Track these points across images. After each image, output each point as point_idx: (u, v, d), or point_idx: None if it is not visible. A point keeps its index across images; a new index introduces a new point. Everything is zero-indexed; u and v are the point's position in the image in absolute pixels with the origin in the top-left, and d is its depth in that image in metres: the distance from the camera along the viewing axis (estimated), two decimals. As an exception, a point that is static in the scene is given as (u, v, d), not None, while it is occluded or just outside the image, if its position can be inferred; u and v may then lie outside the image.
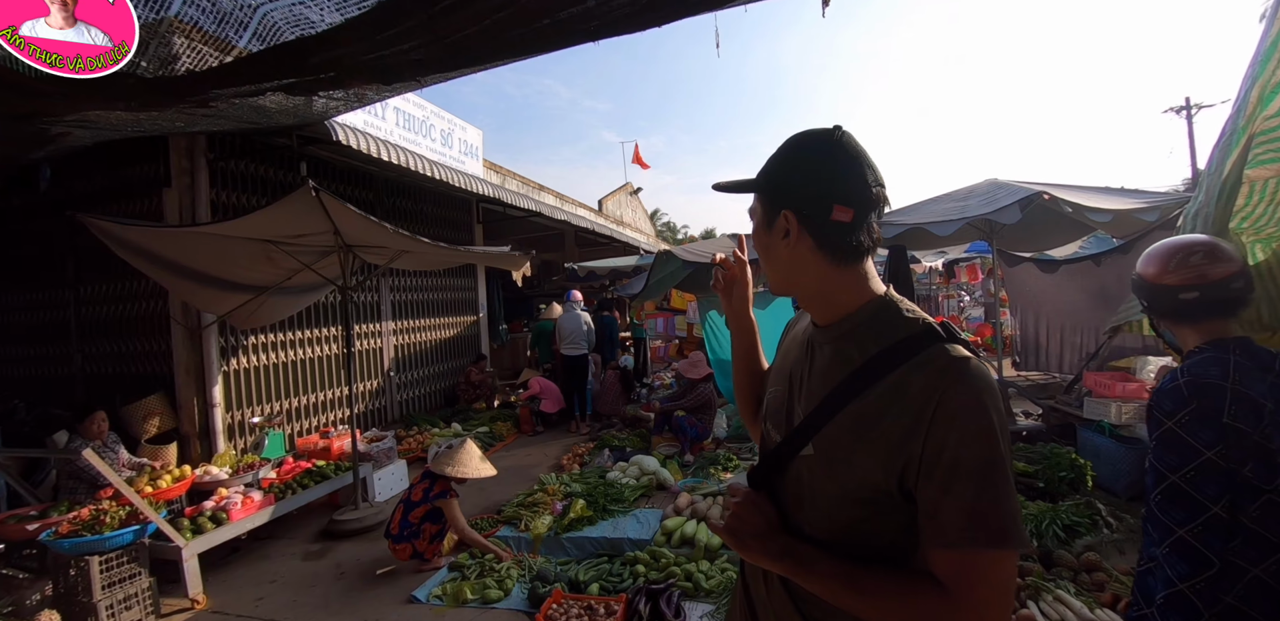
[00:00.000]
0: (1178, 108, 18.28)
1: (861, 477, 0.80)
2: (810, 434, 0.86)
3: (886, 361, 0.82)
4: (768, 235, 0.92)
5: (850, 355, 0.87)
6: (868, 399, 0.81)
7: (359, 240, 4.43)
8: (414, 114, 6.66)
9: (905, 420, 0.76)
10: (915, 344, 0.82)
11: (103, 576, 3.03)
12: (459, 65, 3.26)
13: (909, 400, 0.77)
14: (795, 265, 0.91)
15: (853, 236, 0.86)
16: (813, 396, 0.89)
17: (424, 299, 7.88)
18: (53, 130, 3.73)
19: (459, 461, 3.77)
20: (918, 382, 0.77)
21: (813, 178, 0.87)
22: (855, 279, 0.90)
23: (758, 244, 0.96)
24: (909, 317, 0.87)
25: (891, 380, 0.80)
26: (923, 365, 0.79)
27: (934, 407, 0.75)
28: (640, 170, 18.26)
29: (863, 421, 0.80)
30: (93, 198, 5.09)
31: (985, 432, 0.73)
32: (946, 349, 0.80)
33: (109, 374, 5.20)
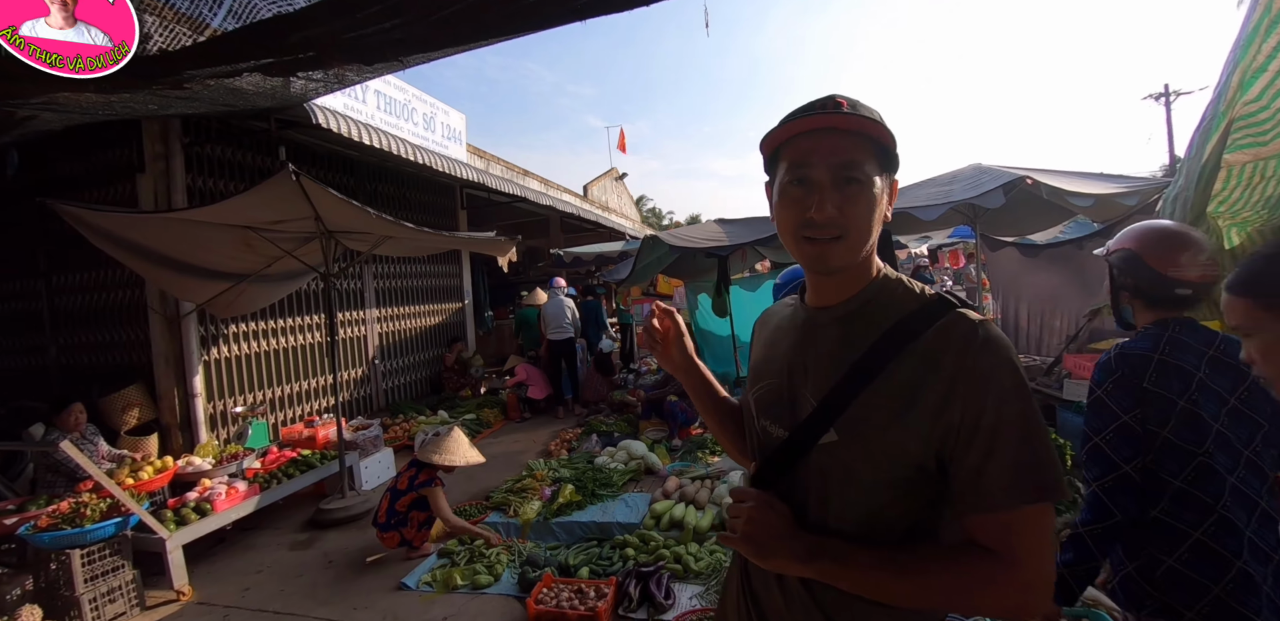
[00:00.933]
0: (1156, 94, 18.50)
1: (898, 454, 0.77)
2: (832, 417, 0.81)
3: (908, 331, 0.79)
4: (882, 202, 0.85)
5: (864, 331, 0.84)
6: (895, 371, 0.78)
7: (341, 226, 4.36)
8: (395, 97, 6.53)
9: (940, 387, 0.75)
10: (934, 311, 0.80)
11: (85, 569, 3.00)
12: (442, 45, 3.19)
13: (940, 366, 0.75)
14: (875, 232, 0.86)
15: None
16: (824, 379, 0.84)
17: (408, 285, 7.80)
18: (19, 113, 3.59)
19: (446, 449, 3.76)
20: (946, 347, 0.76)
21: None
22: (871, 254, 0.88)
23: (873, 212, 0.84)
24: (916, 290, 0.86)
25: (917, 349, 0.78)
26: (947, 330, 0.78)
27: (968, 371, 0.74)
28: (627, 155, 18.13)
29: (895, 394, 0.77)
30: (64, 183, 4.94)
31: (1019, 388, 0.73)
32: (964, 314, 0.79)
33: (85, 364, 5.09)
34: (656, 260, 6.92)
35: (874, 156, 0.82)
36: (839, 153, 0.80)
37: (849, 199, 0.80)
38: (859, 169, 0.81)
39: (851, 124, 0.80)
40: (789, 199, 0.84)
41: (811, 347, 0.89)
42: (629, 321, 10.23)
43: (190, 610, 3.24)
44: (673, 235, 6.39)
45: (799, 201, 0.82)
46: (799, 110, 0.85)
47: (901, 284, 0.88)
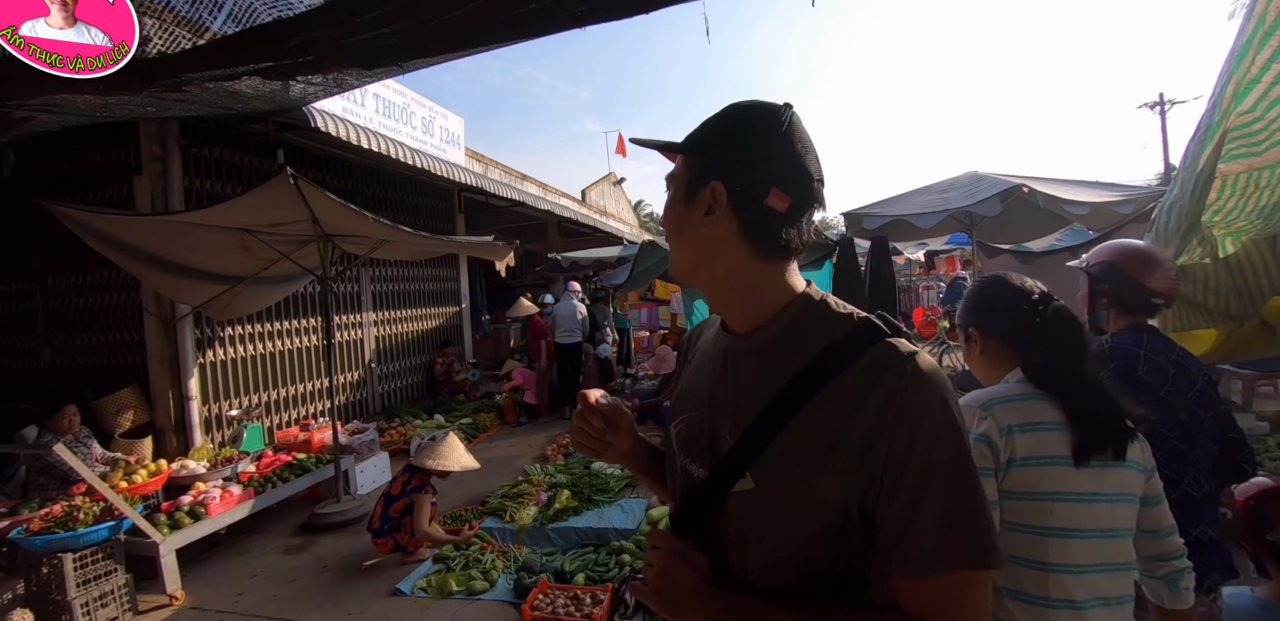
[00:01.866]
0: (1152, 103, 18.63)
1: (819, 503, 0.68)
2: (746, 462, 0.72)
3: (831, 363, 0.70)
4: (686, 208, 0.78)
5: (783, 361, 0.74)
6: (816, 408, 0.69)
7: (338, 229, 4.35)
8: (394, 101, 6.53)
9: (864, 427, 0.66)
10: (858, 341, 0.71)
11: (77, 573, 2.97)
12: (442, 50, 3.19)
13: (866, 404, 0.67)
14: (710, 248, 0.77)
15: (784, 230, 0.74)
16: (742, 417, 0.75)
17: (406, 289, 7.78)
18: (16, 114, 3.58)
19: (440, 454, 3.75)
20: (872, 383, 0.68)
21: (754, 152, 0.74)
22: (779, 275, 0.78)
23: (670, 219, 0.81)
24: (843, 313, 0.77)
25: (841, 383, 0.69)
26: (874, 364, 0.69)
27: (895, 409, 0.65)
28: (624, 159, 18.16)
29: (814, 435, 0.68)
30: (60, 184, 4.92)
31: (951, 431, 0.65)
32: (893, 344, 0.71)
33: (79, 367, 5.06)
34: (654, 265, 6.92)
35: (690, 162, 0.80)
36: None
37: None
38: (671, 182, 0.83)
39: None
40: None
41: (732, 380, 0.80)
42: (626, 326, 10.23)
43: (183, 615, 3.22)
44: (670, 240, 6.39)
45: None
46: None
47: (827, 306, 0.78)
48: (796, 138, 0.75)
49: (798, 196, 0.74)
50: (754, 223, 0.74)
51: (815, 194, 0.76)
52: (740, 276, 0.77)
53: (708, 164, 0.77)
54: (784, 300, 0.78)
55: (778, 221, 0.74)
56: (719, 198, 0.74)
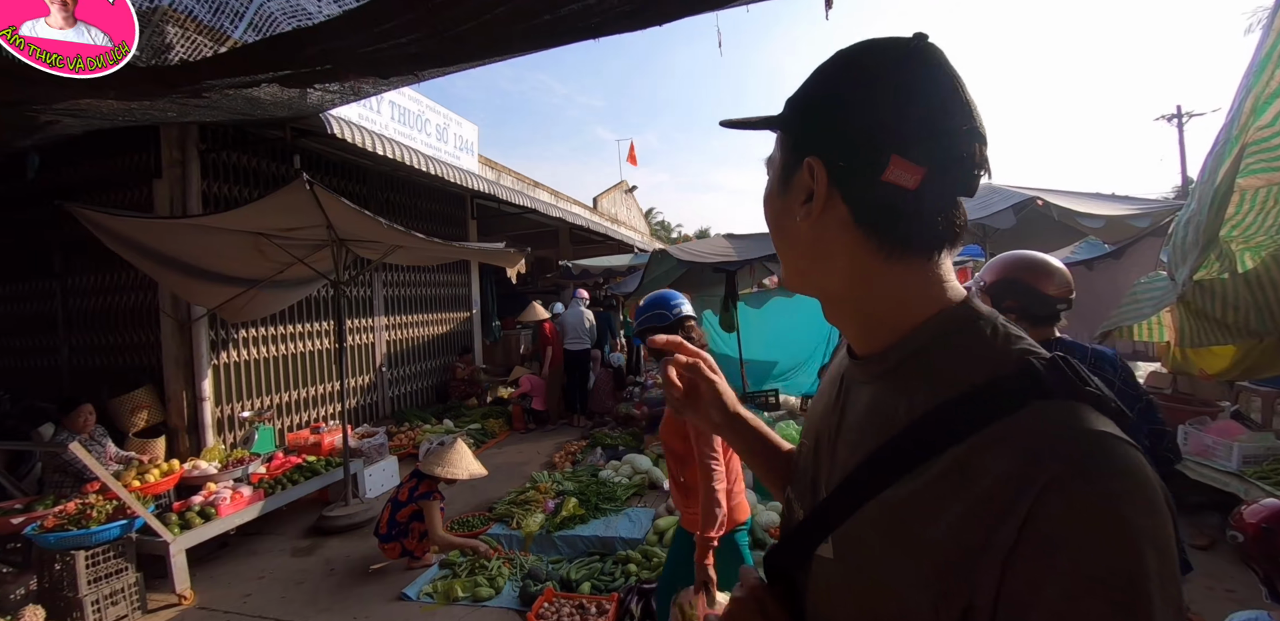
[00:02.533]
0: (1169, 116, 18.47)
1: (896, 609, 0.50)
2: (828, 526, 0.57)
3: (945, 425, 0.50)
4: (782, 199, 0.61)
5: (893, 407, 0.55)
6: (914, 486, 0.50)
7: (352, 234, 4.40)
8: (409, 108, 6.61)
9: (972, 536, 0.45)
10: (999, 397, 0.49)
11: (88, 571, 3.00)
12: (457, 60, 3.23)
13: (977, 499, 0.45)
14: (817, 249, 0.59)
15: (916, 212, 0.54)
16: (838, 466, 0.59)
17: (417, 294, 7.84)
18: (42, 117, 3.67)
19: (449, 461, 3.76)
20: (993, 470, 0.45)
21: (863, 109, 0.54)
22: (914, 281, 0.57)
23: (767, 215, 0.65)
24: (997, 347, 0.53)
25: (951, 459, 0.48)
26: (1004, 439, 0.46)
27: (1020, 521, 0.43)
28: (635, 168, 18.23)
29: (901, 522, 0.50)
30: (82, 187, 5.02)
31: (1116, 585, 0.40)
32: (1054, 410, 0.47)
33: (96, 366, 5.14)
34: (664, 274, 6.93)
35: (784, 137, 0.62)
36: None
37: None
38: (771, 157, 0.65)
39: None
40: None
41: (840, 412, 0.64)
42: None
43: (191, 614, 3.24)
44: (681, 249, 6.42)
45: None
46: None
47: (978, 333, 0.54)
48: (930, 80, 0.54)
49: (937, 161, 0.53)
50: (870, 207, 0.55)
51: (969, 157, 0.54)
52: (857, 283, 0.58)
53: (801, 136, 0.59)
54: (917, 317, 0.57)
55: (905, 202, 0.53)
56: (818, 179, 0.56)
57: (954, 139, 0.53)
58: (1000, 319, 0.56)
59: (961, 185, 0.54)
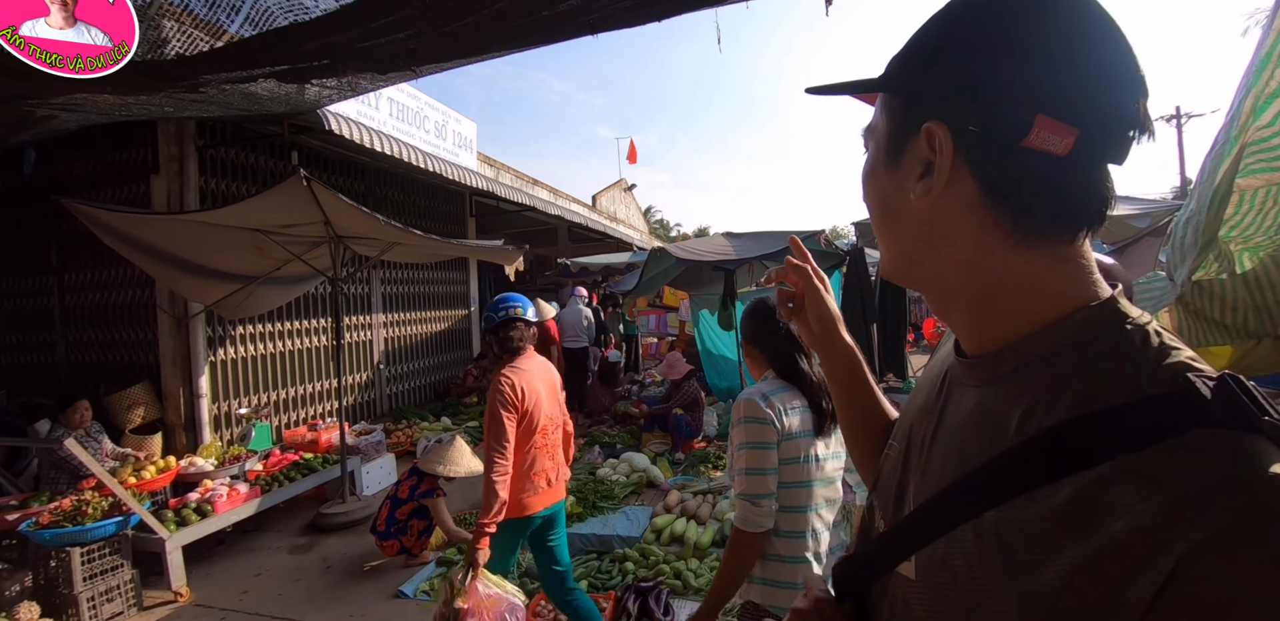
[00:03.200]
0: (1168, 116, 18.47)
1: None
2: (916, 541, 0.50)
3: (1071, 447, 0.41)
4: (892, 173, 0.51)
5: (1005, 417, 0.46)
6: (1023, 514, 0.42)
7: (350, 231, 4.39)
8: (408, 104, 6.59)
9: (1090, 583, 0.37)
10: (1145, 419, 0.39)
11: (84, 568, 3.00)
12: (455, 56, 3.22)
13: (1106, 544, 0.37)
14: (935, 233, 0.50)
15: (1066, 184, 0.45)
16: (930, 476, 0.52)
17: (415, 292, 7.83)
18: (38, 113, 3.65)
19: (450, 460, 3.75)
20: (1129, 512, 0.36)
21: (1003, 60, 0.44)
22: (1052, 271, 0.47)
23: (870, 192, 0.55)
24: (1149, 359, 0.43)
25: (1073, 489, 0.40)
26: (1149, 475, 0.37)
27: (1161, 580, 0.34)
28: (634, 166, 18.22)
29: (1001, 555, 0.42)
30: (78, 183, 5.00)
31: None
32: (1221, 444, 0.37)
33: (93, 362, 5.13)
34: (663, 272, 6.92)
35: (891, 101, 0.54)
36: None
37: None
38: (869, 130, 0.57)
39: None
40: None
41: (938, 415, 0.56)
42: (635, 332, 10.24)
43: (187, 611, 3.23)
44: (680, 247, 6.41)
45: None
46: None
47: (1126, 339, 0.44)
48: (1086, 26, 0.44)
49: (1092, 122, 0.43)
50: (1005, 181, 0.46)
51: (1130, 115, 0.44)
52: (981, 273, 0.49)
53: (919, 96, 0.49)
54: (1048, 315, 0.47)
55: (1054, 173, 0.44)
56: (941, 147, 0.46)
57: (1113, 92, 0.44)
58: (1155, 325, 0.45)
59: (1117, 150, 0.45)
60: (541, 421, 2.44)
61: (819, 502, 1.59)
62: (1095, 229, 0.47)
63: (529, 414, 2.38)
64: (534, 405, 2.40)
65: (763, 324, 1.69)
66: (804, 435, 1.57)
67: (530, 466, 2.40)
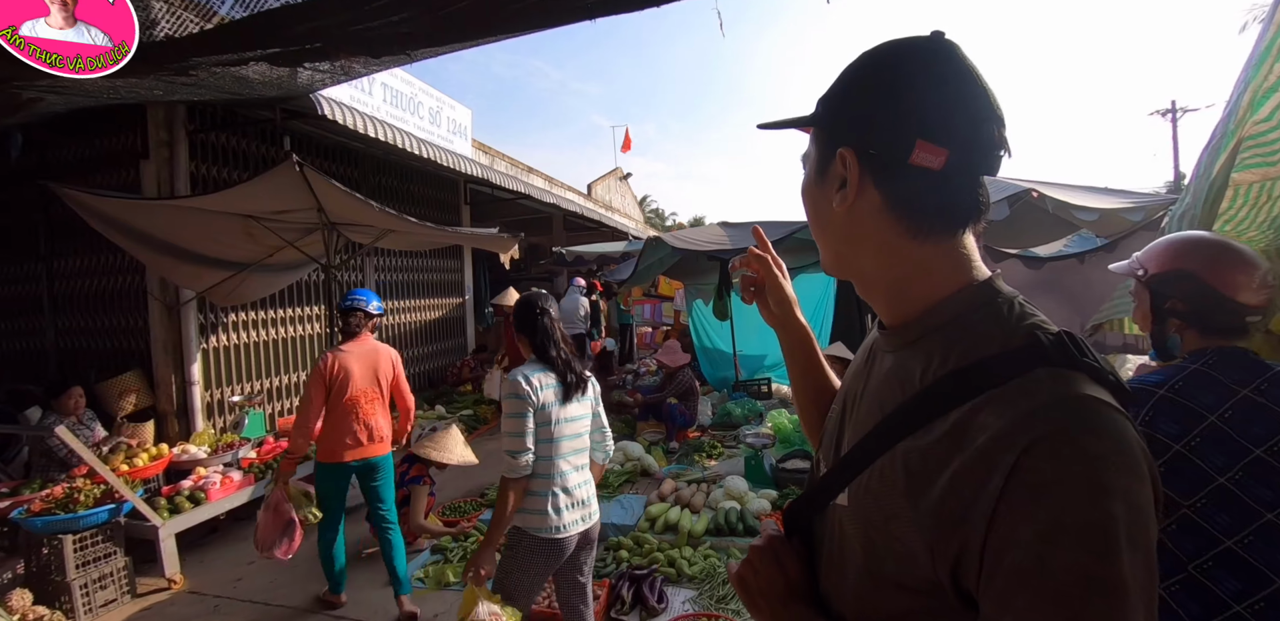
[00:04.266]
0: (1163, 111, 18.48)
1: (900, 554, 0.55)
2: (848, 475, 0.62)
3: (957, 388, 0.55)
4: (819, 188, 0.66)
5: (912, 371, 0.61)
6: (921, 442, 0.55)
7: (343, 218, 4.35)
8: (402, 90, 6.51)
9: (965, 484, 0.50)
10: (1005, 364, 0.54)
11: (76, 555, 3.00)
12: (450, 40, 3.18)
13: (973, 453, 0.50)
14: (854, 235, 0.64)
15: (943, 192, 0.59)
16: (861, 423, 0.65)
17: (409, 280, 7.78)
18: (24, 95, 3.58)
19: (443, 446, 3.76)
20: (990, 427, 0.50)
21: (889, 100, 0.59)
22: (941, 259, 0.62)
23: (807, 203, 0.69)
24: (1011, 323, 0.58)
25: (955, 418, 0.53)
26: (1004, 400, 0.51)
27: (1007, 472, 0.47)
28: (631, 155, 18.12)
29: (910, 474, 0.55)
30: (67, 167, 4.92)
31: (1089, 531, 0.45)
32: (1051, 376, 0.52)
33: (84, 349, 5.08)
34: (659, 261, 6.91)
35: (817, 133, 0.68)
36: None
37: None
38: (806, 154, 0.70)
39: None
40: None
41: (866, 377, 0.70)
42: (629, 321, 10.23)
43: (181, 599, 3.24)
44: (676, 237, 6.39)
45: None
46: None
47: (994, 310, 0.59)
48: (949, 73, 0.59)
49: (959, 144, 0.57)
50: (900, 191, 0.60)
51: (988, 138, 0.58)
52: (889, 263, 0.63)
53: (833, 129, 0.65)
54: (941, 293, 0.61)
55: (933, 183, 0.59)
56: (850, 167, 0.61)
57: (973, 121, 0.58)
58: (1019, 298, 0.61)
59: (984, 164, 0.59)
60: (352, 392, 3.08)
61: (565, 452, 2.11)
62: (974, 224, 0.62)
63: (338, 385, 3.05)
64: (344, 379, 3.07)
65: (526, 318, 2.17)
66: (555, 404, 2.07)
67: (339, 424, 3.06)
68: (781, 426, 5.33)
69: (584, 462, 2.21)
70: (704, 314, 7.06)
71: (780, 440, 5.09)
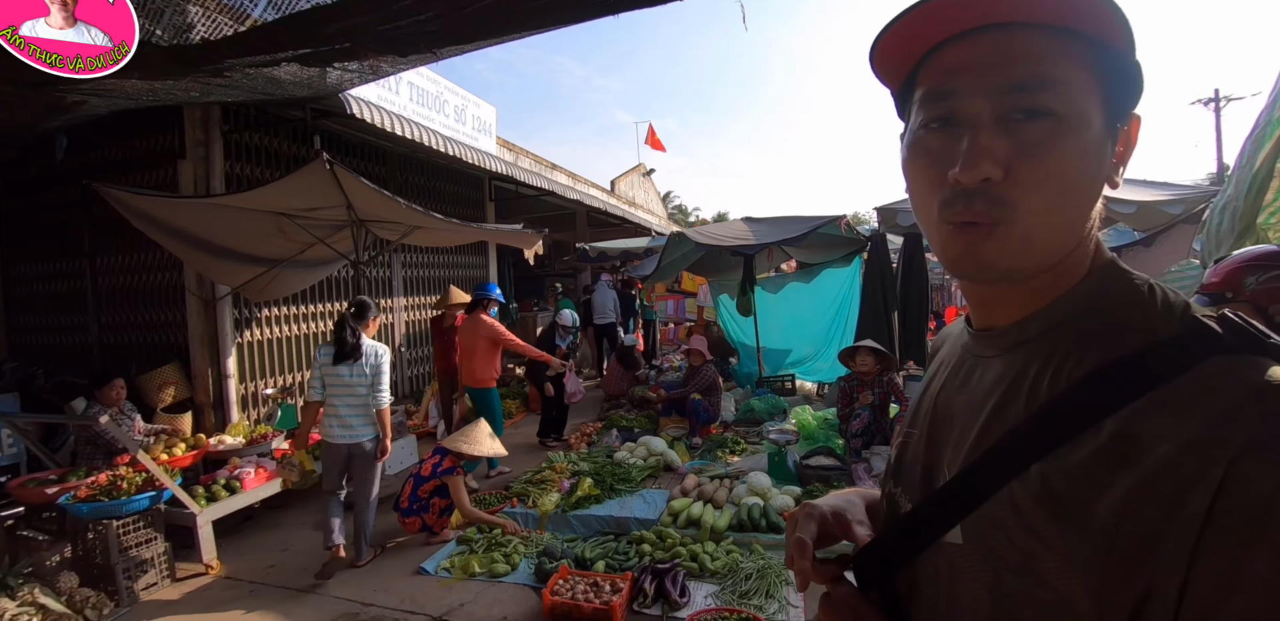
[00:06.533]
0: (1206, 100, 17.79)
1: (1046, 603, 0.43)
2: (962, 509, 0.49)
3: (1104, 390, 0.44)
4: (1081, 129, 0.47)
5: (1036, 377, 0.49)
6: (1064, 461, 0.44)
7: (372, 215, 4.42)
8: (428, 89, 6.59)
9: (1145, 508, 0.39)
10: (1168, 356, 0.43)
11: (120, 540, 3.11)
12: (475, 38, 3.20)
13: (1153, 469, 0.39)
14: (1091, 202, 0.50)
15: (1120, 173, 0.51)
16: (967, 445, 0.52)
17: (435, 275, 7.89)
18: (68, 98, 3.71)
19: (473, 439, 3.82)
20: (1170, 435, 0.40)
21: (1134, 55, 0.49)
22: (1091, 232, 0.52)
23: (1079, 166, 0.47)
24: (1157, 309, 0.47)
25: (1113, 427, 0.42)
26: (1182, 400, 0.41)
27: (1213, 491, 0.37)
28: (653, 151, 18.03)
29: (1057, 500, 0.43)
30: (108, 167, 5.10)
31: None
32: (1240, 365, 0.41)
33: (125, 343, 5.27)
34: (682, 257, 6.90)
35: (1085, 67, 0.47)
36: (1007, 62, 0.46)
37: (1028, 146, 0.46)
38: (1050, 90, 0.46)
39: (1030, 6, 0.46)
40: (922, 154, 0.51)
41: (964, 391, 0.57)
42: (652, 318, 10.24)
43: (218, 583, 3.35)
44: (699, 232, 6.37)
45: (938, 157, 0.49)
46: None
47: (1130, 292, 0.49)
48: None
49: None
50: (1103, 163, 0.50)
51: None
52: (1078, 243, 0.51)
53: (1114, 77, 0.48)
54: (1074, 277, 0.51)
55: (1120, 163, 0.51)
56: (1133, 137, 0.51)
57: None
58: (1155, 280, 0.50)
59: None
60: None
61: (339, 409, 3.45)
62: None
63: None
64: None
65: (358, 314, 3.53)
66: (324, 364, 3.46)
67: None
68: (805, 423, 5.28)
69: (356, 414, 3.49)
70: (729, 307, 7.02)
71: (804, 436, 5.05)
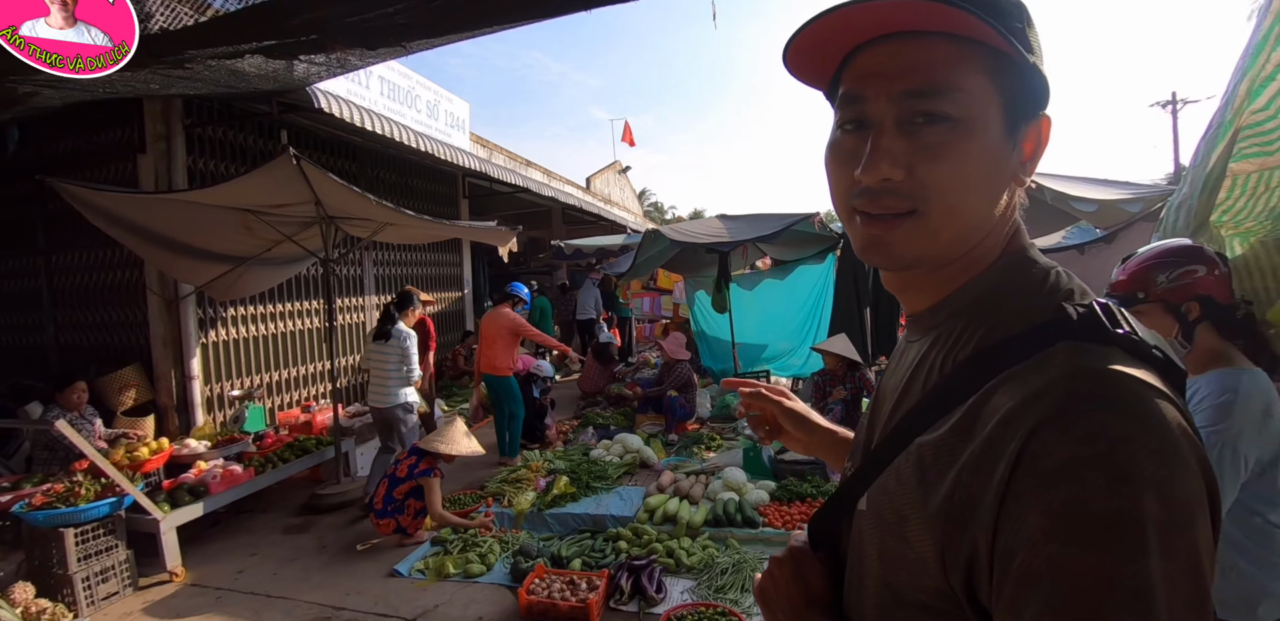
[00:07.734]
0: (1164, 102, 18.43)
1: (912, 561, 0.48)
2: (869, 478, 0.55)
3: (974, 372, 0.49)
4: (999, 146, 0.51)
5: (935, 358, 0.55)
6: (936, 434, 0.49)
7: (341, 211, 4.34)
8: (399, 83, 6.48)
9: (972, 475, 0.43)
10: (1027, 341, 0.48)
11: (78, 548, 3.01)
12: (446, 31, 3.16)
13: (982, 441, 0.44)
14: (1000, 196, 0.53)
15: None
16: (883, 424, 0.60)
17: (408, 273, 7.77)
18: (20, 89, 3.57)
19: (450, 439, 3.77)
20: (999, 410, 0.44)
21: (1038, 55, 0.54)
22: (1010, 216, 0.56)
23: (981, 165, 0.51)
24: (1043, 297, 0.52)
25: (968, 405, 0.47)
26: (1018, 380, 0.45)
27: (1014, 459, 0.41)
28: (629, 148, 18.02)
29: (923, 469, 0.48)
30: (64, 162, 4.90)
31: (1107, 525, 0.37)
32: (1074, 351, 0.45)
33: (83, 344, 5.09)
34: (658, 254, 6.90)
35: (984, 73, 0.50)
36: (909, 69, 0.50)
37: (926, 148, 0.49)
38: (946, 95, 0.49)
39: (927, 14, 0.47)
40: (837, 153, 0.55)
41: (894, 374, 0.63)
42: (628, 315, 10.25)
43: (183, 591, 3.26)
44: (674, 229, 6.38)
45: (851, 156, 0.53)
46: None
47: (1026, 280, 0.53)
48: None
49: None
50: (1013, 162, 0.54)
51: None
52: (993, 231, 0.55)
53: (1012, 78, 0.51)
54: (981, 264, 0.55)
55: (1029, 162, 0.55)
56: (1045, 132, 0.55)
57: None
58: (1058, 268, 0.54)
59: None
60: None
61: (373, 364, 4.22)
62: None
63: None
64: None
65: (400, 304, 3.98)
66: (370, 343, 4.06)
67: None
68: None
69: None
70: (705, 304, 7.05)
71: (779, 432, 5.10)
